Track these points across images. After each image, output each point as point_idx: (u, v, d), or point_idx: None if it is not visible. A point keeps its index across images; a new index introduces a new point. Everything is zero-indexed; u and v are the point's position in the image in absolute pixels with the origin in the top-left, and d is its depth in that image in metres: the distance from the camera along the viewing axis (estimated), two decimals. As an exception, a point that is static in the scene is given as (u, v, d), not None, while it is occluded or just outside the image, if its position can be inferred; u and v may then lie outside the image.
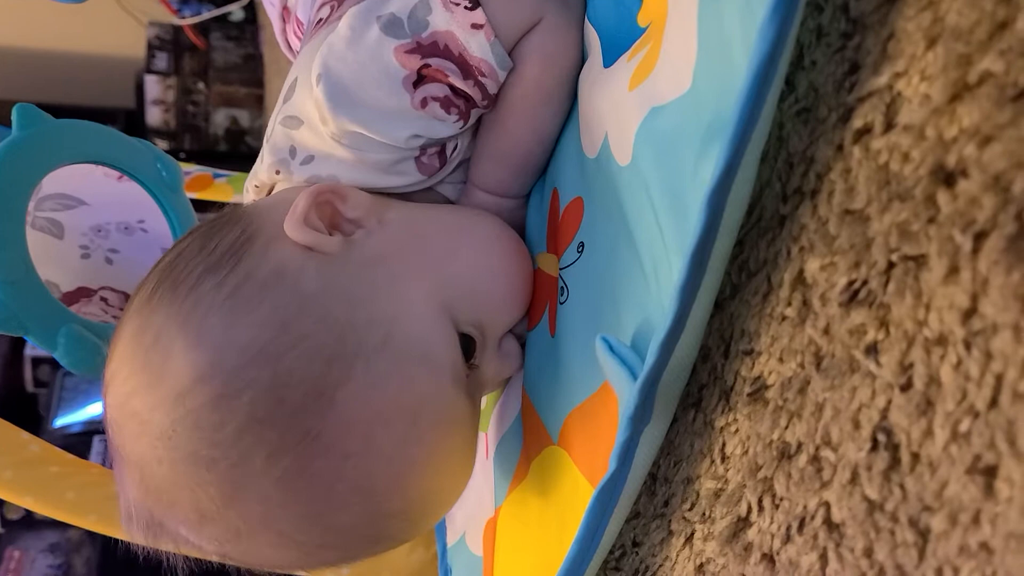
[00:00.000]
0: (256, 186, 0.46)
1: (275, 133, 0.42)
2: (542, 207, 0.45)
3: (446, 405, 0.36)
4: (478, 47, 0.38)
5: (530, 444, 0.42)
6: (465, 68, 0.39)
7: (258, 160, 0.45)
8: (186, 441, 0.32)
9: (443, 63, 0.38)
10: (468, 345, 0.39)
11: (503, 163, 0.44)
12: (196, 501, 0.32)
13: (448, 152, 0.43)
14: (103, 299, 0.64)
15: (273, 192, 0.45)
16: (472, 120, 0.42)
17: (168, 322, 0.33)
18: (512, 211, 0.46)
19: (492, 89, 0.40)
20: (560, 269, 0.41)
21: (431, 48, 0.38)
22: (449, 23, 0.38)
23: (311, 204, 0.37)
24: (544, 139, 0.43)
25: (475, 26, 0.38)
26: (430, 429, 0.35)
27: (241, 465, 0.32)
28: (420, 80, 0.39)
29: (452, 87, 0.39)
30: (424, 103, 0.39)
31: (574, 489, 0.36)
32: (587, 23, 0.41)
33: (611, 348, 0.32)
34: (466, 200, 0.45)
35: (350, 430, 0.33)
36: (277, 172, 0.42)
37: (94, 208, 0.64)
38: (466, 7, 0.38)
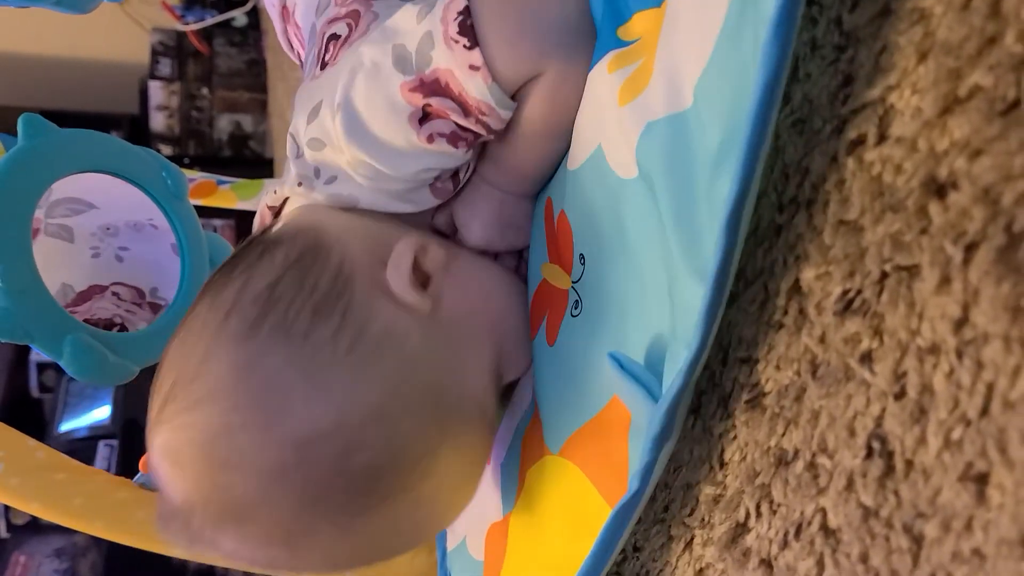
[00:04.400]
0: (275, 191, 0.46)
1: (304, 153, 0.43)
2: (539, 216, 0.45)
3: (488, 451, 0.42)
4: (476, 89, 0.38)
5: (528, 455, 0.42)
6: (465, 107, 0.38)
7: (285, 170, 0.46)
8: (294, 482, 0.33)
9: (444, 102, 0.38)
10: None
11: (512, 176, 0.45)
12: (276, 524, 0.34)
13: (461, 176, 0.44)
14: (115, 294, 0.65)
15: (286, 206, 0.45)
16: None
17: (286, 367, 0.34)
18: (522, 204, 0.46)
19: (496, 125, 0.40)
20: (573, 282, 0.41)
21: (433, 86, 0.38)
22: (450, 61, 0.37)
23: (413, 263, 0.39)
24: (553, 163, 0.43)
25: (472, 68, 0.37)
26: (478, 473, 0.42)
27: (343, 507, 0.35)
28: (425, 116, 0.39)
29: (457, 123, 0.39)
30: (431, 139, 0.39)
31: (584, 501, 0.36)
32: None
33: (621, 366, 0.32)
34: (475, 191, 0.45)
35: (439, 488, 0.38)
36: (300, 184, 0.43)
37: (103, 211, 0.65)
38: (465, 46, 0.37)
